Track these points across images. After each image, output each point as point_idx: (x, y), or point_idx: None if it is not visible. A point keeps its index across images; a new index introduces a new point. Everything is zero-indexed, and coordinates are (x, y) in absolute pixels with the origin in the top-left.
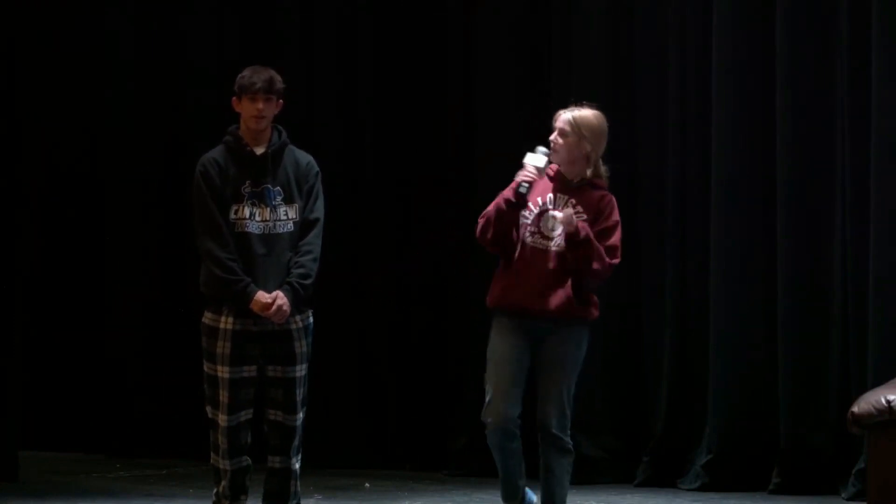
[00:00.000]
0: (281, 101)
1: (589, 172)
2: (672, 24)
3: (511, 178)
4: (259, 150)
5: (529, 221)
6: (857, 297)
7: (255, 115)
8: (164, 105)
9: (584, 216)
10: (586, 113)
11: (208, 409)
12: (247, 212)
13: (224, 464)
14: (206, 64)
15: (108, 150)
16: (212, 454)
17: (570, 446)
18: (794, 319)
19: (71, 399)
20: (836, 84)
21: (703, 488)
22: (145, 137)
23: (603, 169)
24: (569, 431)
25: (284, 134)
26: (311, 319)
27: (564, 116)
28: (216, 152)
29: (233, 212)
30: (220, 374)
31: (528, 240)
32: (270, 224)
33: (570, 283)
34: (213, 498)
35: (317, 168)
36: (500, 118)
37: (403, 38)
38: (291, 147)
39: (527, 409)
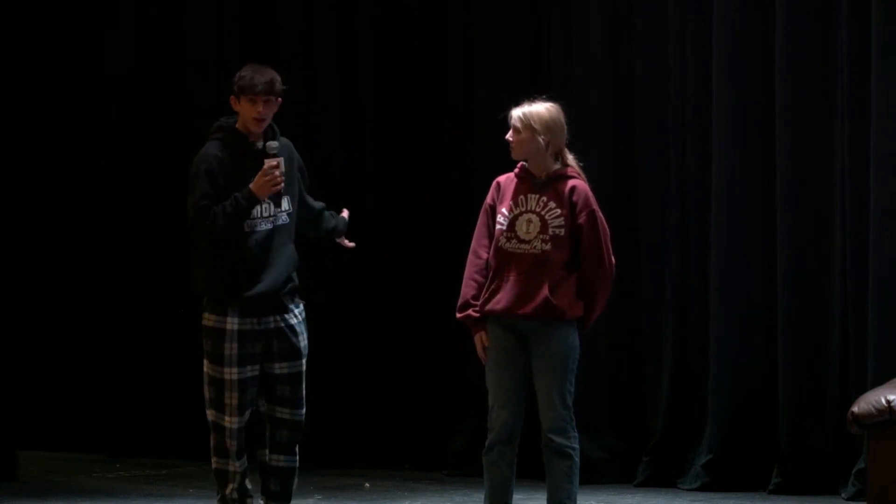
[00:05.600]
0: (280, 100)
1: (556, 165)
2: (672, 24)
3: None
4: (259, 146)
5: (505, 227)
6: (857, 297)
7: (256, 117)
8: (164, 105)
9: (559, 211)
10: (537, 107)
11: (211, 412)
12: (257, 210)
13: (234, 465)
14: (206, 64)
15: (108, 150)
16: (215, 459)
17: (570, 449)
18: (794, 319)
19: (71, 399)
20: (836, 84)
21: (703, 488)
22: (145, 137)
23: (570, 158)
24: (572, 433)
25: (276, 127)
26: (304, 312)
27: (515, 113)
28: (215, 148)
29: None
30: (227, 375)
31: (505, 245)
32: (275, 217)
33: (547, 284)
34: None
35: (298, 154)
36: (501, 117)
37: (403, 37)
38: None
39: (530, 412)
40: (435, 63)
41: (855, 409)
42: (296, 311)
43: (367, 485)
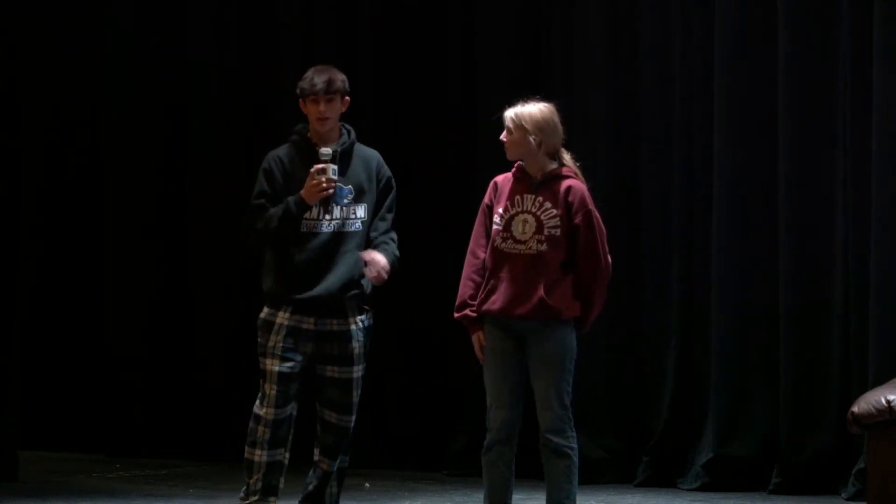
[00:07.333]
0: (347, 98)
1: (552, 165)
2: (673, 24)
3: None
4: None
5: (501, 227)
6: (858, 297)
7: (318, 116)
8: (164, 105)
9: (554, 212)
10: (529, 107)
11: (256, 403)
12: (316, 212)
13: (260, 455)
14: (206, 64)
15: (108, 151)
16: (247, 448)
17: (568, 449)
18: (795, 319)
19: (71, 399)
20: (836, 84)
21: (703, 488)
22: (145, 137)
23: (567, 157)
24: (569, 433)
25: (353, 133)
26: (371, 321)
27: (508, 113)
28: (282, 150)
29: None
30: (269, 367)
31: (501, 245)
32: (340, 222)
33: (543, 284)
34: (241, 494)
35: (388, 170)
36: (494, 118)
37: (403, 37)
38: (359, 145)
39: (528, 411)
40: (435, 63)
41: (855, 409)
42: (358, 318)
43: (367, 485)
